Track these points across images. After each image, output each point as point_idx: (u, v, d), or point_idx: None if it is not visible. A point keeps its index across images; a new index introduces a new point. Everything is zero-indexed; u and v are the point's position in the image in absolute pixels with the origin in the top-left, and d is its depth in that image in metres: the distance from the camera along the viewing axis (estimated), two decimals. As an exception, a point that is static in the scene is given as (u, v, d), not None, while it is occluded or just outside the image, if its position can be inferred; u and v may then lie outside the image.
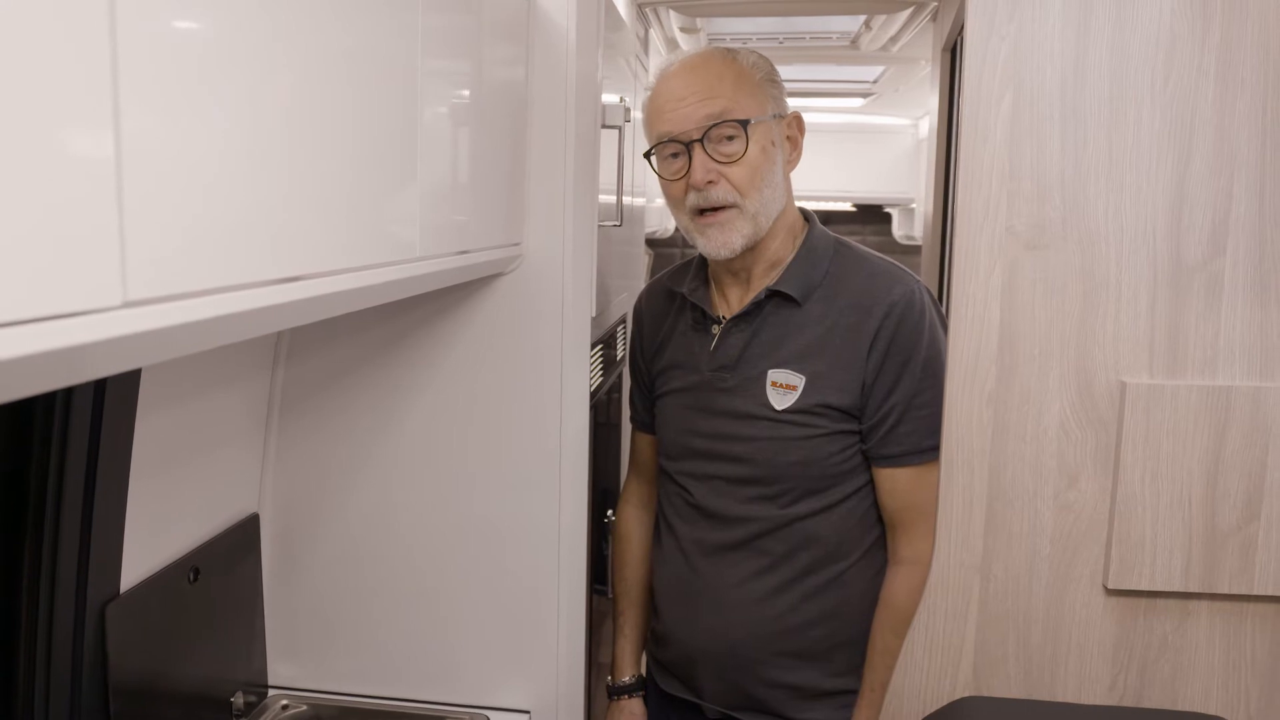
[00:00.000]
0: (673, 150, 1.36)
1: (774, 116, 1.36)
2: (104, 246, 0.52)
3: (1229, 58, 1.25)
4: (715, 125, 1.31)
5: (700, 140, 1.32)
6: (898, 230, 4.67)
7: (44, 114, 0.47)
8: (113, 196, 0.52)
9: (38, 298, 0.47)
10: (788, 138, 1.39)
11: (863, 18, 2.61)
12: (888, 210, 4.70)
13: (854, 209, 4.82)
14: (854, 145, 4.30)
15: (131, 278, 0.54)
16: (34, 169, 0.47)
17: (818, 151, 4.20)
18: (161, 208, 0.57)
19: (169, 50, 0.57)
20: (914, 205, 4.41)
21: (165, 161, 0.57)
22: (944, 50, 2.34)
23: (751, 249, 1.37)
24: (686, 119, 1.33)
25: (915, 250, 4.23)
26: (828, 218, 4.65)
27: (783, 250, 1.40)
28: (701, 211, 1.35)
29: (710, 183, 1.32)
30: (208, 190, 0.62)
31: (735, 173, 1.32)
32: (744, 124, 1.31)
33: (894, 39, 2.69)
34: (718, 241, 1.35)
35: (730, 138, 1.32)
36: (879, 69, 3.31)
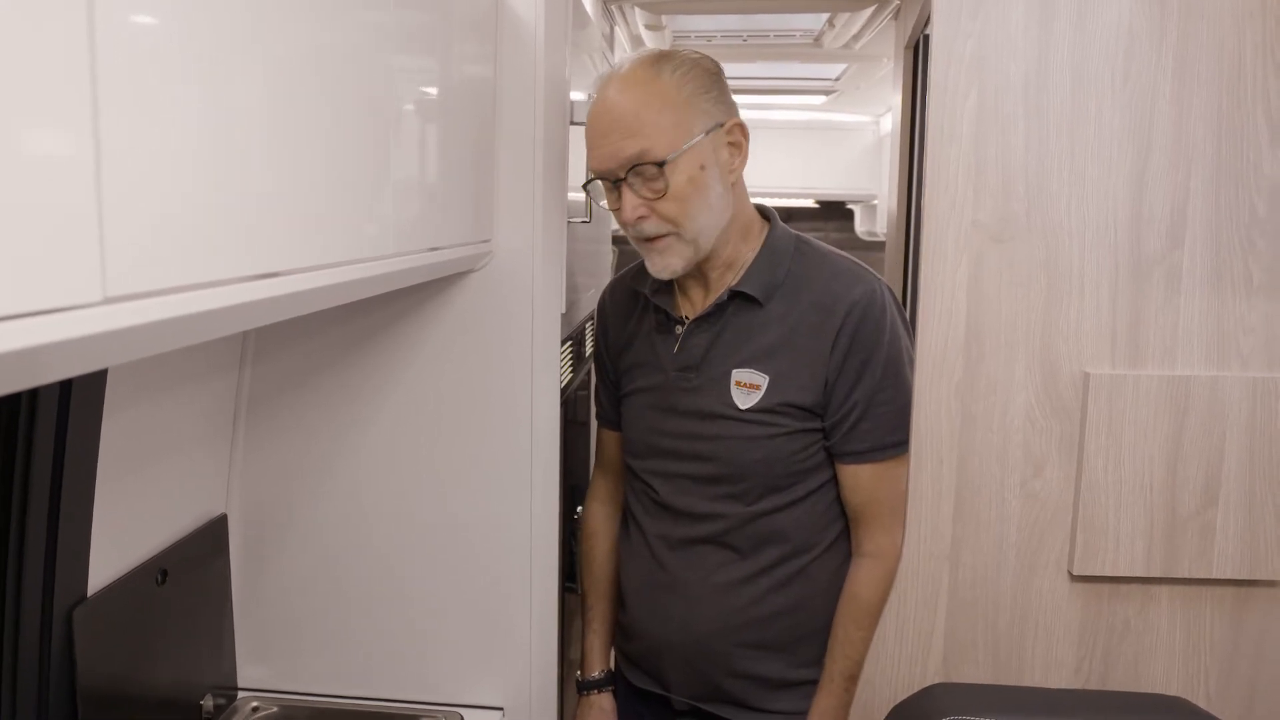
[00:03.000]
0: (607, 183, 1.36)
1: (707, 132, 1.32)
2: (84, 242, 0.51)
3: (1185, 55, 1.28)
4: (636, 166, 1.30)
5: (625, 179, 1.31)
6: (860, 226, 4.72)
7: (24, 111, 0.47)
8: (92, 192, 0.52)
9: (18, 294, 0.47)
10: (731, 143, 1.35)
11: (826, 15, 2.63)
12: (850, 207, 4.75)
13: (816, 206, 4.86)
14: (816, 142, 4.33)
15: (111, 274, 0.53)
16: (15, 166, 0.46)
17: (780, 149, 4.27)
18: (139, 204, 0.57)
19: (146, 48, 0.57)
20: (876, 201, 4.45)
21: (143, 158, 0.57)
22: (907, 48, 2.37)
23: (703, 259, 1.38)
24: (610, 158, 1.32)
25: (878, 246, 4.27)
26: (790, 214, 4.67)
27: (739, 251, 1.41)
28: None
29: (641, 218, 1.33)
30: (185, 186, 0.62)
31: (664, 206, 1.31)
32: (661, 164, 1.29)
33: (856, 37, 2.71)
34: (659, 265, 1.37)
35: (653, 176, 1.30)
36: (841, 66, 3.33)
